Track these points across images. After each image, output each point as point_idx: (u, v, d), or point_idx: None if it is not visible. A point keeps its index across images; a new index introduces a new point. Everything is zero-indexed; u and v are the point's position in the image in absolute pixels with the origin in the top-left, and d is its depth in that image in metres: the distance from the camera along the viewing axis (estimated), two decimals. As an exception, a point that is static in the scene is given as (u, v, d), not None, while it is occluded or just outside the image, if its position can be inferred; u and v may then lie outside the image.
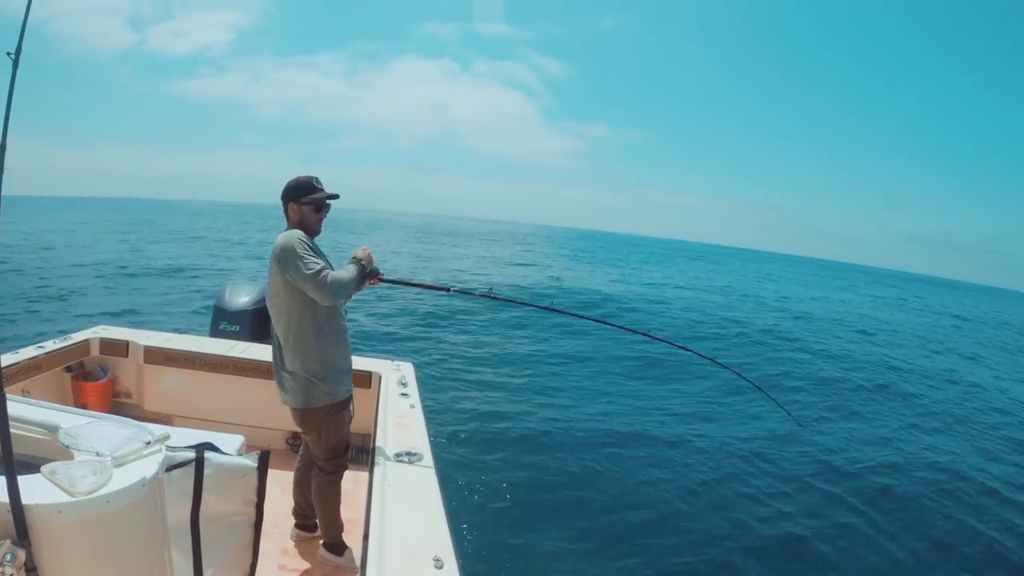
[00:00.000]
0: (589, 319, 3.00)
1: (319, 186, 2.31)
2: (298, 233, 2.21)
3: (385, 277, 2.45)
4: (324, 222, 2.38)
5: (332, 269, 2.22)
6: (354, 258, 2.33)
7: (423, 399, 3.06)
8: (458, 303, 14.29)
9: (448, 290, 2.63)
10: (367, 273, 2.33)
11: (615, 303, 17.37)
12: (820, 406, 8.92)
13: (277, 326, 2.30)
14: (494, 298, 2.72)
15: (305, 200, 2.28)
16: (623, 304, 17.33)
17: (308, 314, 2.23)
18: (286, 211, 2.32)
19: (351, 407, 2.46)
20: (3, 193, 1.16)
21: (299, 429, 2.46)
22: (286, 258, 2.14)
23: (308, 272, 2.10)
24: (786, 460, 6.51)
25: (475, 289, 2.71)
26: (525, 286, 18.59)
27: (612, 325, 2.91)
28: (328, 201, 2.36)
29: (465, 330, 13.03)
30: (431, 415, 2.90)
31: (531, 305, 3.04)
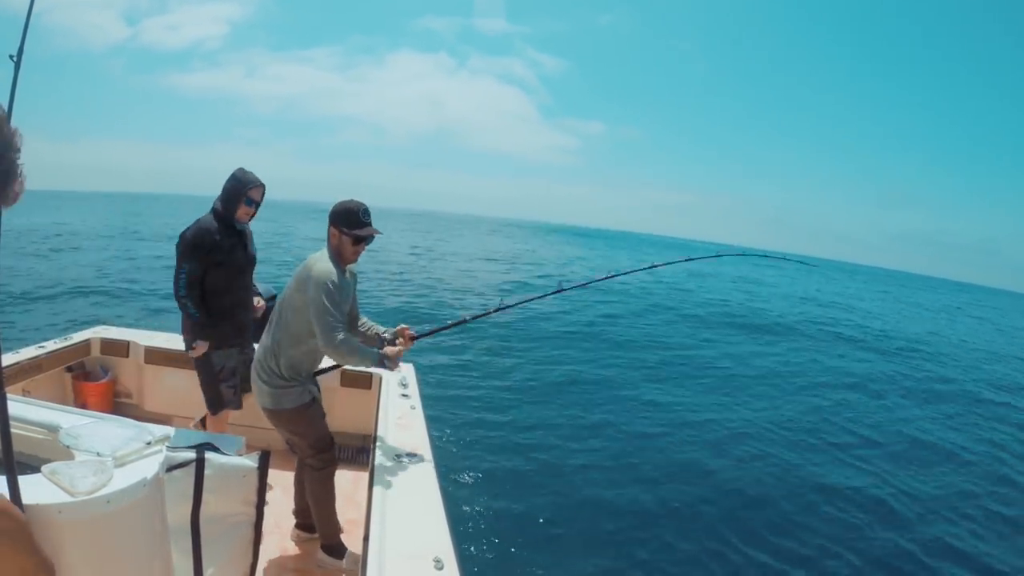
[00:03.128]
0: (598, 280, 2.91)
1: (366, 220, 2.33)
2: (332, 275, 2.22)
3: (416, 335, 2.49)
4: (361, 253, 2.41)
5: (346, 310, 2.32)
6: (382, 354, 2.31)
7: (423, 400, 3.07)
8: (460, 310, 14.26)
9: (464, 320, 2.69)
10: (389, 366, 2.34)
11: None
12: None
13: (280, 330, 2.35)
14: (508, 307, 2.73)
15: (347, 232, 2.30)
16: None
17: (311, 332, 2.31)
18: (328, 231, 2.35)
19: (320, 401, 2.51)
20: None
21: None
22: (316, 292, 2.19)
23: (327, 324, 2.17)
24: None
25: (487, 308, 2.72)
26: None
27: (619, 274, 2.93)
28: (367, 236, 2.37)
29: (466, 332, 13.03)
30: (431, 416, 2.91)
31: (543, 296, 2.92)
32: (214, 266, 2.77)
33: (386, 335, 2.54)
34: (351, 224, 2.30)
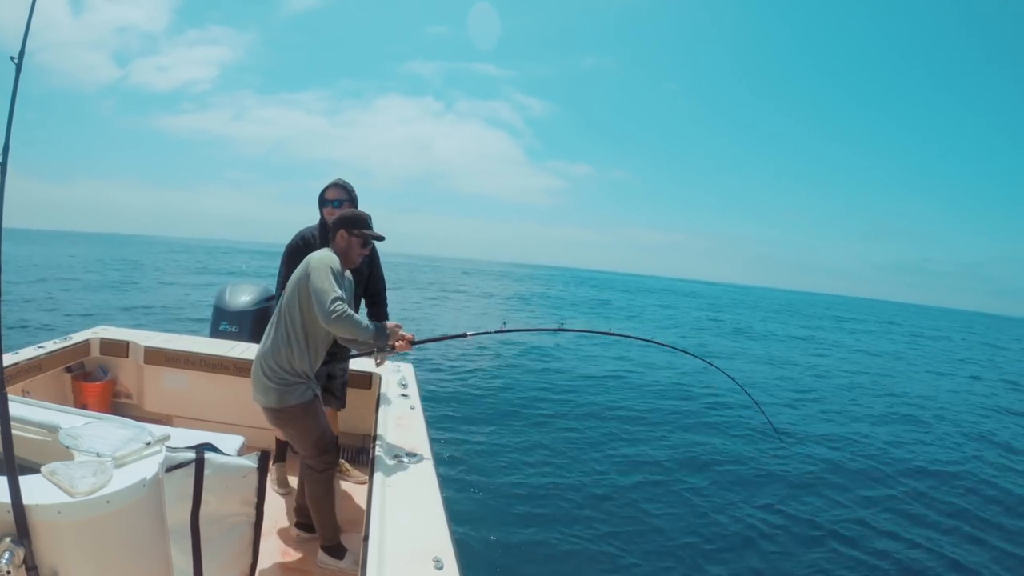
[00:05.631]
0: (596, 332, 3.03)
1: (371, 225, 2.49)
2: (334, 258, 2.34)
3: (416, 340, 2.54)
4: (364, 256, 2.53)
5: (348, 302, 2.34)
6: (382, 325, 2.40)
7: (423, 400, 3.07)
8: (462, 310, 14.18)
9: (465, 335, 2.75)
10: (383, 341, 2.40)
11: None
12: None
13: (285, 327, 2.34)
14: (510, 331, 2.80)
15: (356, 232, 2.43)
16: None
17: (315, 324, 2.31)
18: (334, 236, 2.45)
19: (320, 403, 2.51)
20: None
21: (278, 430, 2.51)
22: (315, 272, 2.25)
23: (326, 294, 2.20)
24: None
25: (489, 329, 2.79)
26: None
27: (616, 335, 3.01)
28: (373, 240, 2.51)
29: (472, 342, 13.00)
30: (430, 416, 2.91)
31: (542, 329, 3.14)
32: None
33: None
34: (360, 225, 2.44)
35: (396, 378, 3.34)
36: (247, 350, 3.57)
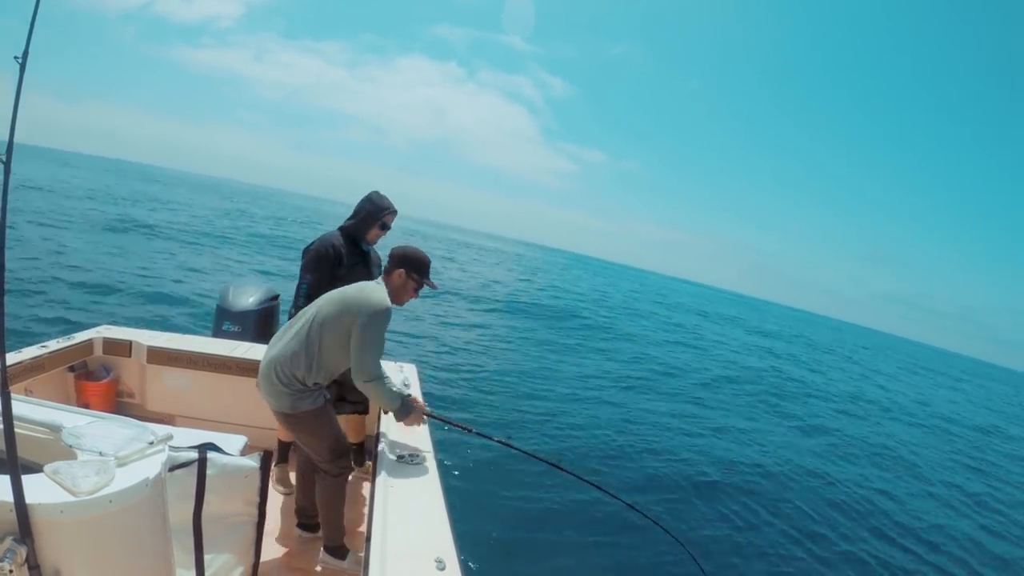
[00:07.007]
0: (590, 484, 2.84)
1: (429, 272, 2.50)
2: (390, 308, 2.28)
3: (429, 413, 2.59)
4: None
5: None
6: (408, 402, 2.42)
7: (426, 400, 3.06)
8: (466, 313, 14.19)
9: (469, 430, 2.71)
10: (403, 415, 2.43)
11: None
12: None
13: (315, 350, 2.28)
14: (510, 446, 2.73)
15: (417, 278, 2.43)
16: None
17: (344, 363, 2.32)
18: (390, 271, 2.42)
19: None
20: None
21: (292, 435, 2.51)
22: (370, 321, 2.22)
23: (370, 359, 2.23)
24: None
25: (493, 435, 2.73)
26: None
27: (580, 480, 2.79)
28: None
29: (467, 332, 13.03)
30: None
31: (535, 457, 2.83)
32: (336, 280, 2.80)
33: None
34: (423, 273, 2.43)
35: (399, 378, 3.33)
36: (250, 350, 3.57)
